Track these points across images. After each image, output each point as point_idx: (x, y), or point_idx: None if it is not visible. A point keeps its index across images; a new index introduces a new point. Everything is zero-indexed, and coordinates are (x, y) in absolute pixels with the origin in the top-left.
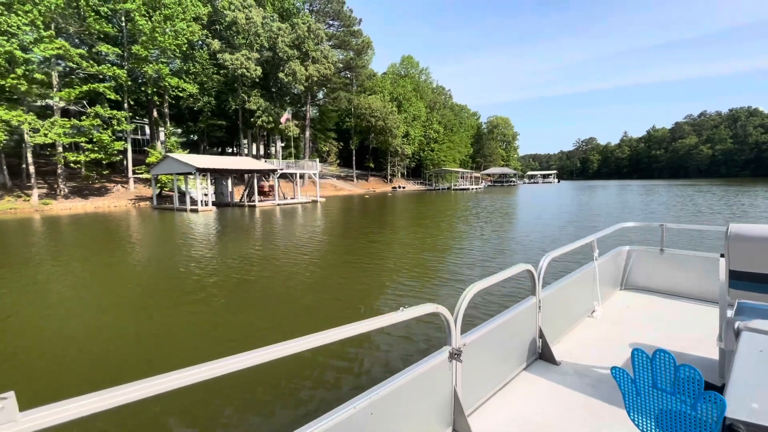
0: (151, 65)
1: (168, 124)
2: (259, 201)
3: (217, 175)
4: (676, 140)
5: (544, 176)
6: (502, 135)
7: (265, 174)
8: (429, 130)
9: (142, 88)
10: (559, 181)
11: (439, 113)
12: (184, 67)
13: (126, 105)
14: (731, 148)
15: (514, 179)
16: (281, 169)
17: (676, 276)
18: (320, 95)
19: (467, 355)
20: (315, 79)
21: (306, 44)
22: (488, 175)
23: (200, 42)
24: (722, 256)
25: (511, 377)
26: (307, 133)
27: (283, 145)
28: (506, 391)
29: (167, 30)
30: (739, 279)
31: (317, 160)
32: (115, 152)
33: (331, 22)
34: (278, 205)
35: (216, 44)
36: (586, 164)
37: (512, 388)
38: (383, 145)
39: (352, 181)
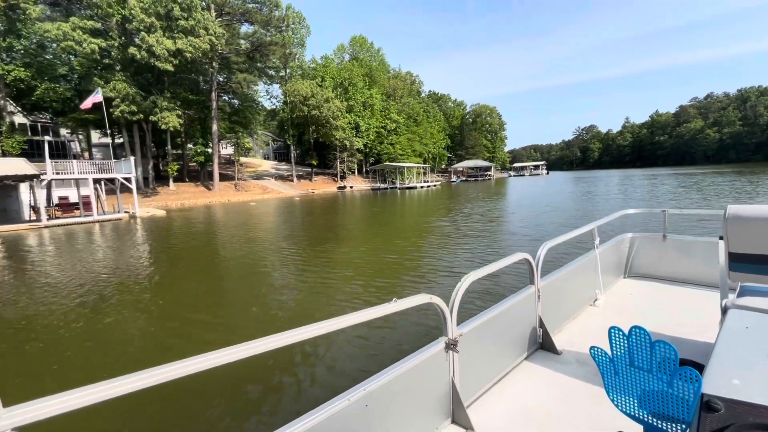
0: None
1: (6, 120)
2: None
3: None
4: (680, 125)
5: (535, 167)
6: (488, 125)
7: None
8: (386, 120)
9: None
10: (548, 173)
11: (399, 102)
12: (3, 43)
13: None
14: (740, 130)
15: (490, 173)
16: (43, 174)
17: (679, 262)
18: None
19: (464, 345)
20: (188, 56)
21: (174, 10)
22: (473, 168)
23: (16, 8)
24: (721, 238)
25: (512, 367)
26: (214, 127)
27: (191, 144)
28: (507, 381)
29: None
30: (739, 261)
31: (133, 158)
32: None
33: None
34: (47, 226)
35: (35, 10)
36: (587, 153)
37: (513, 379)
38: (326, 138)
39: (292, 181)
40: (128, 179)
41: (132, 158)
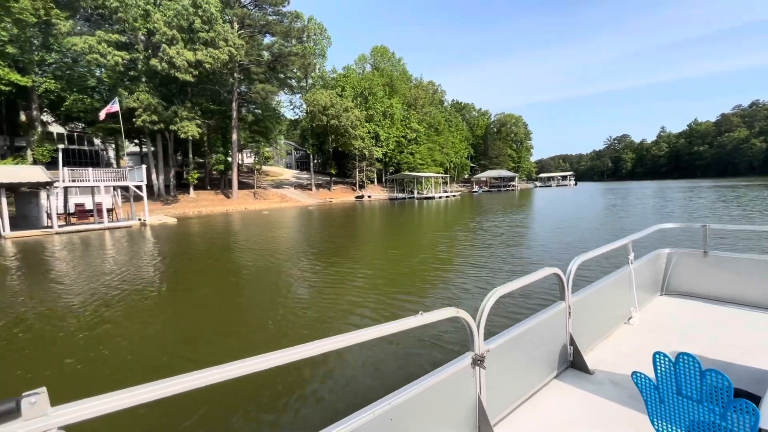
0: None
1: (38, 129)
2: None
3: None
4: (722, 134)
5: (562, 178)
6: (513, 134)
7: (119, 187)
8: (406, 129)
9: None
10: (576, 184)
11: (420, 111)
12: (35, 57)
13: None
14: None
15: (514, 183)
16: (55, 181)
17: (722, 280)
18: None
19: (491, 361)
20: (208, 66)
21: (195, 23)
22: (496, 178)
23: (50, 24)
24: None
25: (541, 386)
26: (234, 136)
27: (214, 153)
28: (535, 400)
29: None
30: None
31: (144, 167)
32: None
33: (265, 6)
34: (58, 233)
35: (65, 25)
36: (619, 163)
37: (542, 397)
38: (345, 147)
39: (311, 190)
40: (140, 187)
41: (143, 167)
